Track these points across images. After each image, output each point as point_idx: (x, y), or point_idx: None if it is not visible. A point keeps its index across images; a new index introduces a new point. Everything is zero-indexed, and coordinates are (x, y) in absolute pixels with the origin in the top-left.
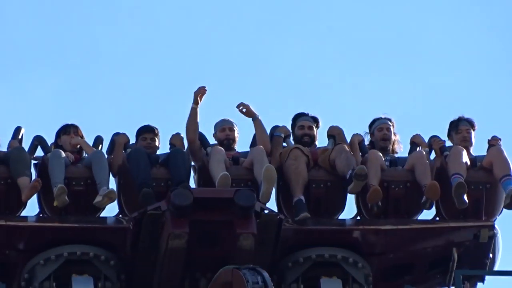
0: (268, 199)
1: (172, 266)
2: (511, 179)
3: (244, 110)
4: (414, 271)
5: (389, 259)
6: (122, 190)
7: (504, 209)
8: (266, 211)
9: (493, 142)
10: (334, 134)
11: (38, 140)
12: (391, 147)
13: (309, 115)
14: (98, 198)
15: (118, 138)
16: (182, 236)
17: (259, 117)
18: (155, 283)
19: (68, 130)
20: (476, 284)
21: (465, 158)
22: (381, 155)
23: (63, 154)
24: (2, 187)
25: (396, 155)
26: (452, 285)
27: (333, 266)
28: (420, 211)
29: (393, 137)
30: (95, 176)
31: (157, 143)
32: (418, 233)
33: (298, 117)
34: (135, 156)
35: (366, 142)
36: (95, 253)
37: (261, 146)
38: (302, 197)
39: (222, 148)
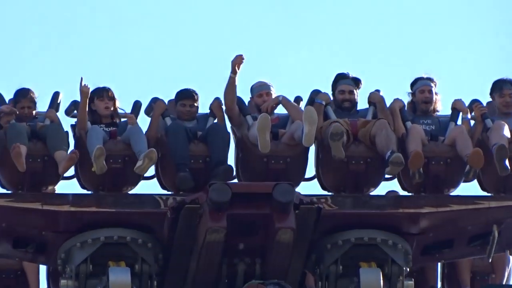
0: (311, 142)
1: (210, 256)
2: None
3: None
4: (453, 245)
5: (429, 237)
6: (161, 162)
7: None
8: (305, 202)
9: None
10: (375, 101)
11: (75, 105)
12: (432, 108)
13: (350, 76)
14: (139, 163)
15: (156, 107)
16: (220, 230)
17: (281, 97)
18: (192, 267)
19: (101, 95)
20: None
21: (507, 133)
22: (422, 130)
23: (101, 131)
24: (39, 164)
25: (437, 114)
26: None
27: (372, 248)
28: (460, 182)
29: (434, 97)
30: (133, 147)
31: (196, 106)
32: (458, 213)
33: (338, 80)
34: (173, 132)
35: (405, 101)
36: (132, 237)
37: (299, 121)
38: None
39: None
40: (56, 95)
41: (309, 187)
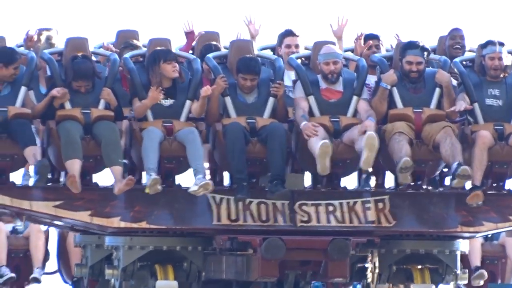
0: (369, 166)
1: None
2: None
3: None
4: None
5: None
6: (218, 154)
7: None
8: (360, 247)
9: None
10: (442, 83)
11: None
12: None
13: (419, 46)
14: (194, 188)
15: (216, 86)
16: (272, 278)
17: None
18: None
19: (168, 57)
20: None
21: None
22: (489, 136)
23: (158, 133)
24: (91, 164)
25: (506, 77)
26: None
27: (427, 256)
28: None
29: (504, 63)
30: (190, 162)
31: (258, 79)
32: None
33: (407, 49)
34: (231, 137)
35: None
36: (182, 246)
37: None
38: None
39: (321, 129)
40: (114, 63)
41: None
